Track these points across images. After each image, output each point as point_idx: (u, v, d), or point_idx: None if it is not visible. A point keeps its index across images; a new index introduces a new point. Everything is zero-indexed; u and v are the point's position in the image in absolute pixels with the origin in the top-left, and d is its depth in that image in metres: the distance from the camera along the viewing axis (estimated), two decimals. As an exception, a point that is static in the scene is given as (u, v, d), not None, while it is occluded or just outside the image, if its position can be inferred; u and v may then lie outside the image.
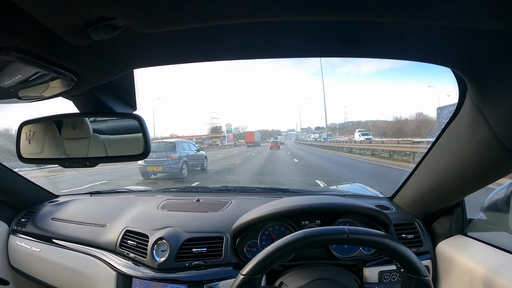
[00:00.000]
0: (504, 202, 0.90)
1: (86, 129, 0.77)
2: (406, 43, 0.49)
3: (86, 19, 0.36)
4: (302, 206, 1.03)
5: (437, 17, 0.38)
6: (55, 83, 0.54)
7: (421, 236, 1.08)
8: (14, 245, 1.35)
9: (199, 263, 1.01)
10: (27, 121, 0.77)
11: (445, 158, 0.80)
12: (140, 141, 0.73)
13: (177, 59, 0.56)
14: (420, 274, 0.66)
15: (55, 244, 1.26)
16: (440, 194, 0.95)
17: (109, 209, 1.35)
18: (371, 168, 9.29)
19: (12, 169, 1.37)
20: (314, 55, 0.54)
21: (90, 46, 0.42)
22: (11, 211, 1.45)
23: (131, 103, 0.75)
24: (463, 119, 0.67)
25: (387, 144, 13.36)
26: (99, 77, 0.57)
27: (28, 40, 0.41)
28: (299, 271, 0.93)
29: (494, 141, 0.60)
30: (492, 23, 0.39)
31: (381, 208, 1.16)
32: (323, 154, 15.73)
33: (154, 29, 0.40)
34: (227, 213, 1.19)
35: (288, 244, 0.67)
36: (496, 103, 0.55)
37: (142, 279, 1.01)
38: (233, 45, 0.50)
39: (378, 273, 1.01)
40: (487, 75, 0.53)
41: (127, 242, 1.12)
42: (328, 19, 0.39)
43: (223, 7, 0.36)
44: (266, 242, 1.06)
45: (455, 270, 0.93)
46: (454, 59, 0.53)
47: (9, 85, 0.51)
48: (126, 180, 7.91)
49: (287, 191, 1.50)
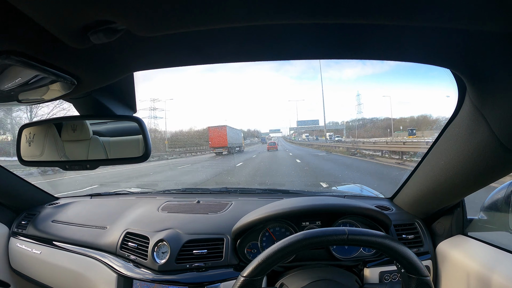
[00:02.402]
0: (504, 201, 0.90)
1: (86, 132, 0.77)
2: (405, 45, 0.49)
3: (86, 23, 0.36)
4: (302, 207, 1.03)
5: (436, 19, 0.38)
6: (55, 86, 0.54)
7: (422, 236, 1.08)
8: (14, 248, 1.35)
9: (199, 264, 1.01)
10: (27, 124, 0.77)
11: (445, 159, 0.80)
12: (140, 143, 0.73)
13: (176, 62, 0.56)
14: (420, 274, 0.66)
15: (55, 246, 1.26)
16: (440, 194, 0.95)
17: (110, 211, 1.35)
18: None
19: (13, 171, 1.37)
20: (313, 57, 0.54)
21: (90, 49, 0.42)
22: (11, 213, 1.46)
23: (131, 105, 0.75)
24: (462, 119, 0.68)
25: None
26: (99, 80, 0.57)
27: (28, 44, 0.41)
28: (299, 272, 0.93)
29: (494, 141, 0.60)
30: (491, 25, 0.39)
31: (381, 208, 1.16)
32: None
33: (154, 32, 0.40)
34: (228, 215, 1.19)
35: (288, 245, 0.67)
36: (496, 103, 0.55)
37: (143, 281, 1.01)
38: (233, 47, 0.50)
39: (379, 273, 1.01)
40: (486, 75, 0.53)
41: (127, 244, 1.12)
42: (327, 22, 0.39)
43: (223, 10, 0.36)
44: (267, 243, 1.06)
45: (456, 270, 0.93)
46: (453, 60, 0.53)
47: (9, 88, 0.51)
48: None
49: (287, 192, 1.50)
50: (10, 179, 1.37)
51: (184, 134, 31.52)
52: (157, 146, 22.43)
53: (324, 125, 40.84)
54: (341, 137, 33.16)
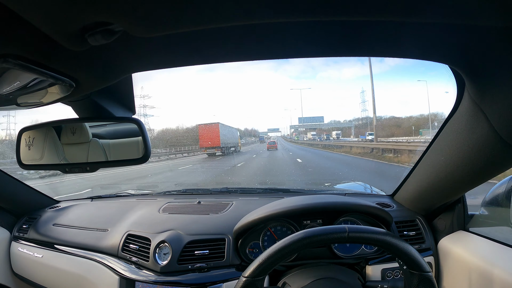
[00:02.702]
0: (505, 196, 0.90)
1: (86, 134, 0.77)
2: (404, 41, 0.49)
3: (84, 25, 0.36)
4: (303, 206, 1.03)
5: (434, 15, 0.38)
6: (54, 89, 0.54)
7: (423, 233, 1.08)
8: (16, 252, 1.35)
9: (201, 265, 1.01)
10: (26, 128, 0.77)
11: (445, 155, 0.80)
12: (139, 144, 0.73)
13: (175, 63, 0.56)
14: (422, 270, 0.66)
15: (57, 249, 1.26)
16: (440, 190, 0.95)
17: (110, 213, 1.34)
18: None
19: (13, 176, 1.37)
20: (312, 55, 0.54)
21: (88, 51, 0.42)
22: (12, 217, 1.45)
23: (130, 107, 0.75)
24: (462, 115, 0.68)
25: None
26: (97, 82, 0.57)
27: (26, 47, 0.41)
28: (301, 271, 0.93)
29: (493, 136, 0.60)
30: (489, 20, 0.39)
31: (382, 206, 1.16)
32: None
33: (151, 33, 0.40)
34: (229, 215, 1.19)
35: (289, 245, 0.67)
36: (495, 98, 0.55)
37: (145, 282, 1.01)
38: (231, 47, 0.50)
39: (381, 271, 1.01)
40: (485, 71, 0.53)
41: (129, 246, 1.12)
42: (325, 19, 0.39)
43: (221, 9, 0.36)
44: (268, 243, 1.06)
45: (458, 266, 0.93)
46: (452, 56, 0.53)
47: (8, 92, 0.51)
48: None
49: (288, 191, 1.50)
50: (10, 183, 1.37)
51: (171, 132, 29.04)
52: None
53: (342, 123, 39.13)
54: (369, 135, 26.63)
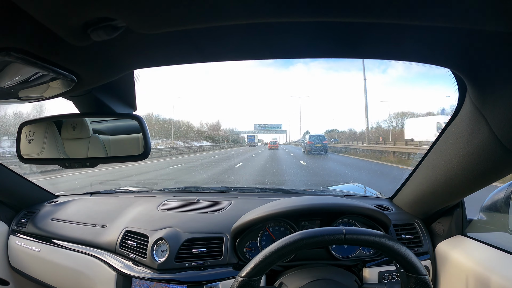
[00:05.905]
0: (504, 202, 0.90)
1: (86, 130, 0.77)
2: (406, 45, 0.49)
3: (87, 20, 0.36)
4: (302, 207, 1.03)
5: (436, 18, 0.38)
6: (55, 84, 0.54)
7: (421, 237, 1.08)
8: (14, 245, 1.35)
9: (199, 263, 1.01)
10: (27, 122, 0.77)
11: (445, 159, 0.80)
12: (140, 141, 0.73)
13: (177, 60, 0.56)
14: (418, 273, 0.66)
15: (55, 244, 1.26)
16: (440, 194, 0.95)
17: (109, 209, 1.34)
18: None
19: (12, 169, 1.37)
20: (313, 56, 0.54)
21: (90, 46, 0.42)
22: (11, 211, 1.45)
23: (131, 103, 0.75)
24: (462, 119, 0.67)
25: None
26: (99, 77, 0.57)
27: (28, 41, 0.41)
28: (299, 271, 0.93)
29: (494, 142, 0.60)
30: (491, 24, 0.39)
31: (381, 208, 1.16)
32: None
33: (154, 30, 0.40)
34: (227, 214, 1.19)
35: (285, 245, 0.67)
36: (496, 103, 0.55)
37: (142, 279, 1.01)
38: (233, 46, 0.50)
39: (378, 273, 1.01)
40: (486, 76, 0.53)
41: (127, 242, 1.12)
42: (328, 20, 0.39)
43: (223, 8, 0.36)
44: (266, 243, 1.06)
45: (455, 271, 0.93)
46: (454, 60, 0.53)
47: (9, 85, 0.51)
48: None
49: (286, 191, 1.50)
50: (9, 177, 1.37)
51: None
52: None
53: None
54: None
